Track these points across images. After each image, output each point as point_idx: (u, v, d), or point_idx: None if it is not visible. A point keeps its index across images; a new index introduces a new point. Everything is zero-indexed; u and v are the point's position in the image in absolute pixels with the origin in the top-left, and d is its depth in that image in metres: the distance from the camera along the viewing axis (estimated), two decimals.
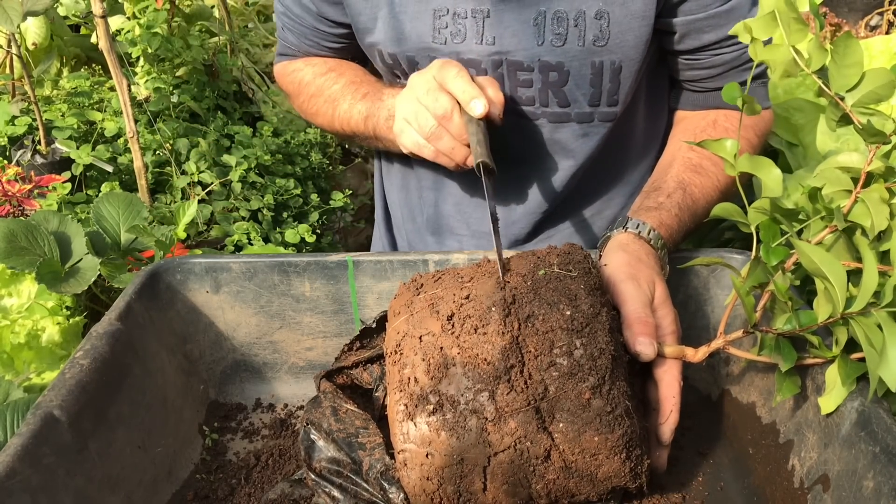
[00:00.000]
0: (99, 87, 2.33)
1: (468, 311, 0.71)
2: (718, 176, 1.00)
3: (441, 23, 1.02)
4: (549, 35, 0.99)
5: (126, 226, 1.24)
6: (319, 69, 1.21)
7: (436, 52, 1.03)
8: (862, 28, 2.23)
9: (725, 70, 1.04)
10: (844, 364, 0.68)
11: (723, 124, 1.06)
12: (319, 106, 1.18)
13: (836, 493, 0.68)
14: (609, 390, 0.68)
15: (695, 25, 1.00)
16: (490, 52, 1.02)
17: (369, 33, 1.08)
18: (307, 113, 1.24)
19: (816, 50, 0.66)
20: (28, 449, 0.65)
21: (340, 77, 1.17)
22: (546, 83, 1.03)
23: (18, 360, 1.07)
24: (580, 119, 1.06)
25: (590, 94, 1.04)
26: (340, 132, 1.17)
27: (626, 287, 0.79)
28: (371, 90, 1.11)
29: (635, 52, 1.00)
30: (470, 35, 1.02)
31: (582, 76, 1.02)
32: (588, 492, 0.70)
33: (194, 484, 0.83)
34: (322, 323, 0.96)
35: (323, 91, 1.18)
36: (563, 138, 1.08)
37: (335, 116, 1.15)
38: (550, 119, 1.07)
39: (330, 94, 1.16)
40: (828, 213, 0.70)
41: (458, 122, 0.92)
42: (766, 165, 0.74)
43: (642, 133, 1.17)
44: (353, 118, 1.11)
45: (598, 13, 0.97)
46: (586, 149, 1.09)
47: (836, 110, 0.67)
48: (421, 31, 1.04)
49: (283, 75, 1.28)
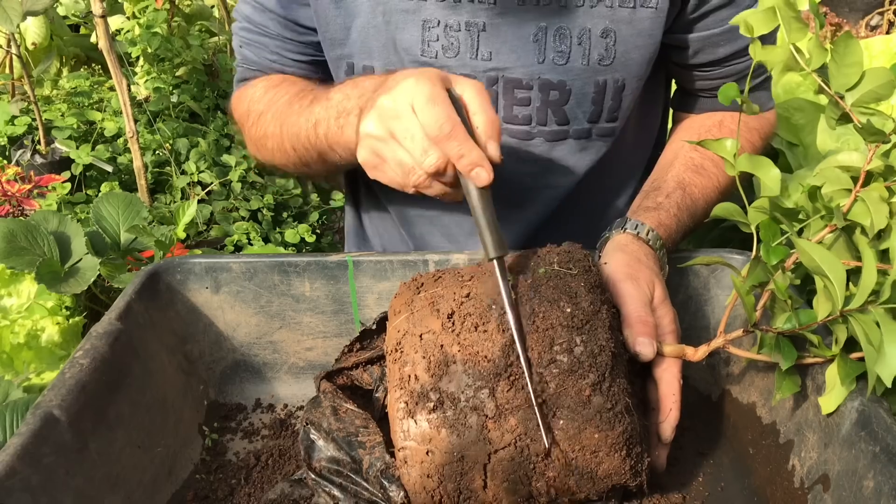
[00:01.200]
0: (99, 87, 2.34)
1: (468, 310, 0.71)
2: (719, 177, 1.00)
3: (431, 35, 0.95)
4: (551, 53, 0.94)
5: (126, 226, 1.24)
6: (272, 82, 1.06)
7: (424, 66, 0.95)
8: (862, 28, 2.23)
9: (738, 79, 1.03)
10: (844, 363, 0.68)
11: (728, 125, 1.05)
12: (266, 126, 1.02)
13: (837, 492, 0.68)
14: (609, 387, 0.68)
15: (710, 41, 0.98)
16: (486, 69, 0.96)
17: (339, 45, 0.99)
18: (255, 140, 1.06)
19: (816, 49, 0.66)
20: (28, 448, 0.65)
21: (292, 86, 1.02)
22: (546, 102, 0.98)
23: (18, 360, 1.08)
24: (578, 136, 1.02)
25: (590, 112, 1.00)
26: (292, 154, 0.99)
27: (625, 287, 0.79)
28: (318, 93, 0.95)
29: (639, 69, 0.98)
30: (463, 49, 0.95)
31: (584, 95, 0.98)
32: (588, 489, 0.71)
33: (194, 484, 0.83)
34: (322, 323, 0.96)
35: (271, 106, 1.02)
36: (560, 156, 1.03)
37: (283, 134, 0.98)
38: (547, 138, 1.01)
39: (277, 109, 1.00)
40: (827, 212, 0.70)
41: (452, 174, 0.77)
42: (766, 165, 0.74)
43: (633, 141, 1.13)
44: (301, 130, 0.94)
45: (605, 31, 0.93)
46: (583, 165, 1.05)
47: (836, 109, 0.67)
48: (407, 42, 0.95)
49: (237, 105, 1.10)
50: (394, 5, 0.94)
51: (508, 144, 1.00)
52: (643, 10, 0.93)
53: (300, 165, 1.01)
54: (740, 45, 0.98)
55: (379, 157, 0.79)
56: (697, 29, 0.97)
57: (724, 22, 0.96)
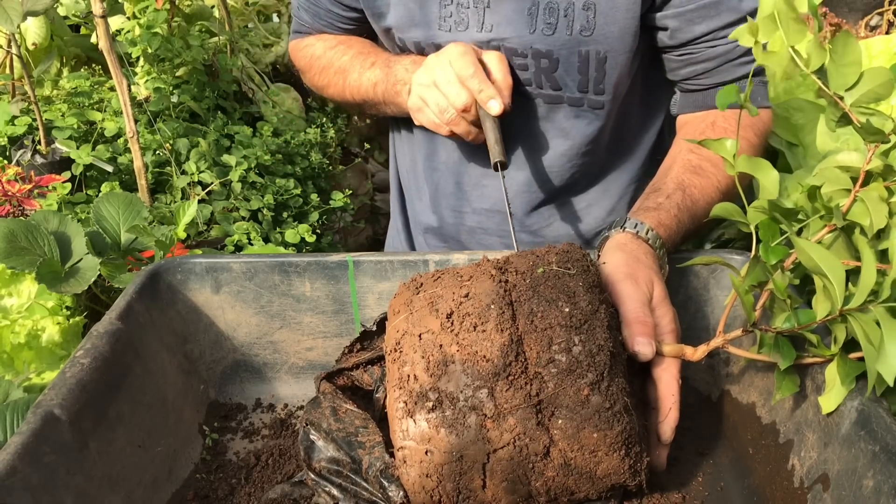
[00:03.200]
0: (99, 87, 2.33)
1: (467, 309, 0.71)
2: (718, 177, 1.00)
3: (446, 11, 1.10)
4: (541, 24, 1.05)
5: (126, 226, 1.24)
6: (329, 43, 1.29)
7: (440, 38, 1.10)
8: (862, 28, 2.23)
9: (721, 64, 1.05)
10: (843, 362, 0.68)
11: (721, 125, 1.06)
12: (330, 77, 1.27)
13: (836, 492, 0.68)
14: (608, 387, 0.68)
15: (685, 17, 1.03)
16: (488, 39, 1.08)
17: (383, 18, 1.16)
18: (318, 86, 1.32)
19: (815, 49, 0.66)
20: (28, 448, 0.65)
21: (349, 49, 1.25)
22: (539, 68, 1.09)
23: (18, 360, 1.08)
24: (571, 102, 1.12)
25: (578, 81, 1.09)
26: (350, 101, 1.25)
27: (624, 286, 0.79)
28: (379, 59, 1.19)
29: (620, 43, 1.05)
30: (472, 24, 1.09)
31: (570, 64, 1.07)
32: (587, 489, 0.71)
33: (194, 483, 0.83)
34: (322, 323, 0.96)
35: (333, 63, 1.26)
36: (558, 118, 1.14)
37: (346, 86, 1.24)
38: (546, 100, 1.13)
39: (340, 66, 1.25)
40: (827, 211, 0.70)
41: (475, 113, 1.02)
42: (765, 167, 0.74)
43: (638, 127, 1.22)
44: (362, 86, 1.20)
45: (586, 4, 1.03)
46: (580, 131, 1.15)
47: (835, 109, 0.67)
48: (429, 18, 1.11)
49: (296, 51, 1.36)
50: None
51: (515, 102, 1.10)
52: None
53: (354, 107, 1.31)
54: (718, 24, 1.02)
55: (423, 101, 1.05)
56: (671, 6, 1.03)
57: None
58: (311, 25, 1.32)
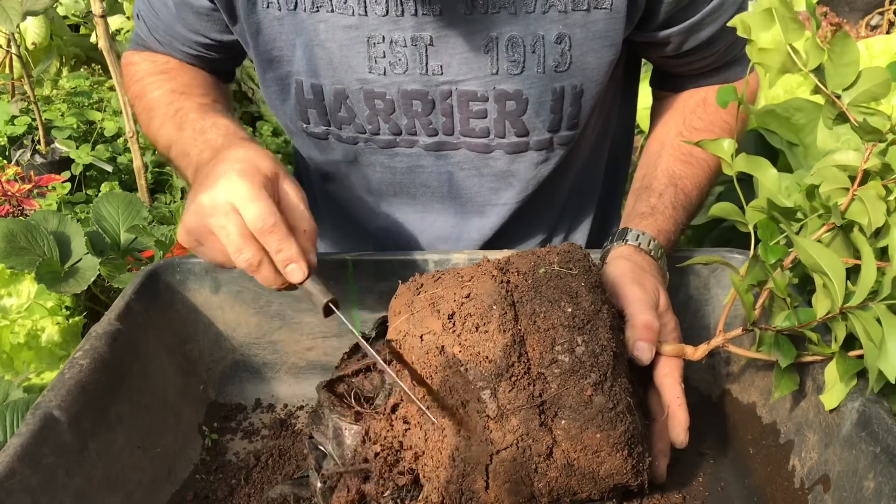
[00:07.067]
0: (98, 87, 2.34)
1: (469, 310, 0.71)
2: (709, 161, 0.98)
3: (377, 51, 0.92)
4: (504, 63, 0.92)
5: (126, 226, 1.24)
6: (153, 67, 1.08)
7: (373, 83, 0.95)
8: (862, 28, 2.23)
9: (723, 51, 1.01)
10: (843, 360, 0.68)
11: (712, 101, 1.03)
12: (139, 112, 1.08)
13: (837, 493, 0.68)
14: (611, 387, 0.68)
15: (692, 29, 0.97)
16: (438, 83, 0.94)
17: (286, 63, 0.97)
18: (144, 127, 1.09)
19: (813, 49, 0.66)
20: (28, 449, 0.65)
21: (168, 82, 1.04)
22: (503, 113, 0.96)
23: (18, 360, 1.08)
24: (539, 147, 1.00)
25: (549, 121, 0.97)
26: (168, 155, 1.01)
27: (632, 289, 0.79)
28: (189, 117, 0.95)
29: (597, 73, 0.95)
30: (412, 65, 0.93)
31: (542, 103, 0.95)
32: (590, 490, 0.70)
33: (194, 484, 0.83)
34: (322, 323, 0.96)
35: (145, 94, 1.05)
36: (520, 168, 1.02)
37: (149, 129, 1.04)
38: (507, 150, 1.00)
39: (148, 102, 1.04)
40: (825, 210, 0.70)
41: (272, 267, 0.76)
42: (764, 166, 0.74)
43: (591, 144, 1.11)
44: (161, 138, 1.00)
45: (559, 37, 0.91)
46: (543, 174, 1.03)
47: (833, 109, 0.67)
48: (352, 61, 0.94)
49: (127, 71, 1.14)
50: (335, 22, 0.92)
51: (467, 158, 1.01)
52: (597, 11, 0.90)
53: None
54: (722, 22, 0.95)
55: (199, 243, 0.78)
56: (677, 21, 0.95)
57: (704, 5, 0.94)
58: (143, 41, 1.10)
